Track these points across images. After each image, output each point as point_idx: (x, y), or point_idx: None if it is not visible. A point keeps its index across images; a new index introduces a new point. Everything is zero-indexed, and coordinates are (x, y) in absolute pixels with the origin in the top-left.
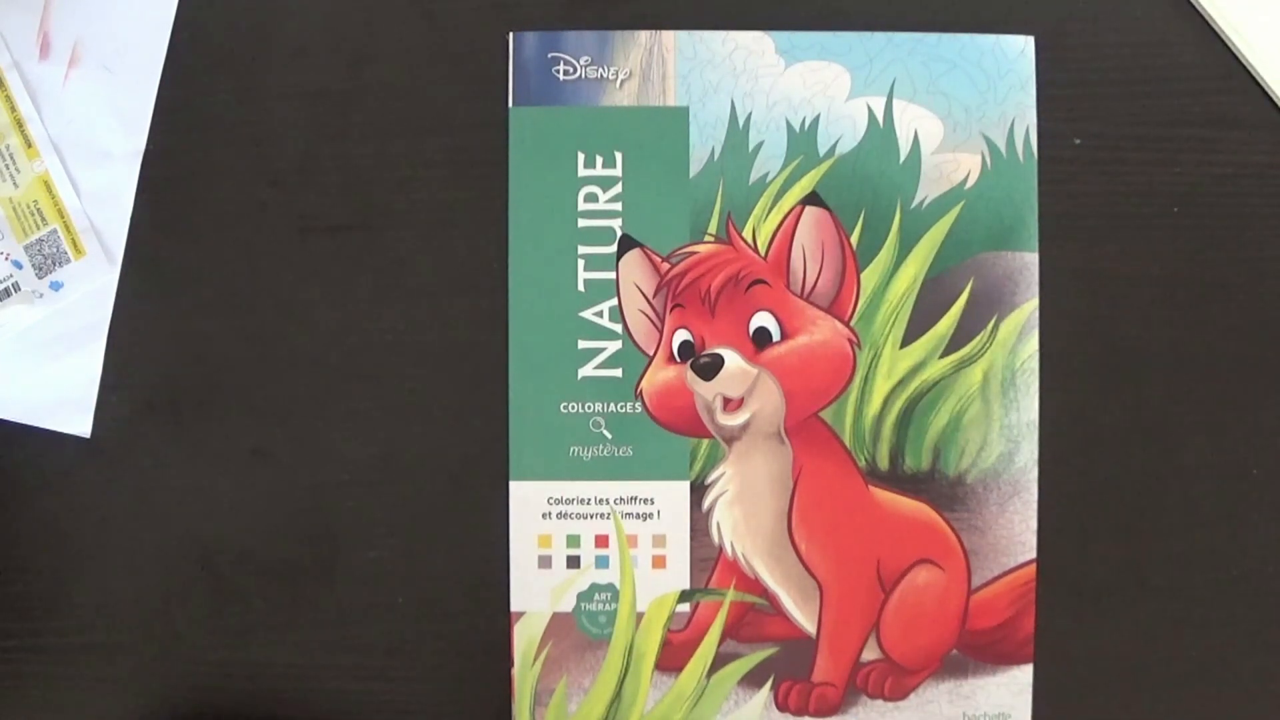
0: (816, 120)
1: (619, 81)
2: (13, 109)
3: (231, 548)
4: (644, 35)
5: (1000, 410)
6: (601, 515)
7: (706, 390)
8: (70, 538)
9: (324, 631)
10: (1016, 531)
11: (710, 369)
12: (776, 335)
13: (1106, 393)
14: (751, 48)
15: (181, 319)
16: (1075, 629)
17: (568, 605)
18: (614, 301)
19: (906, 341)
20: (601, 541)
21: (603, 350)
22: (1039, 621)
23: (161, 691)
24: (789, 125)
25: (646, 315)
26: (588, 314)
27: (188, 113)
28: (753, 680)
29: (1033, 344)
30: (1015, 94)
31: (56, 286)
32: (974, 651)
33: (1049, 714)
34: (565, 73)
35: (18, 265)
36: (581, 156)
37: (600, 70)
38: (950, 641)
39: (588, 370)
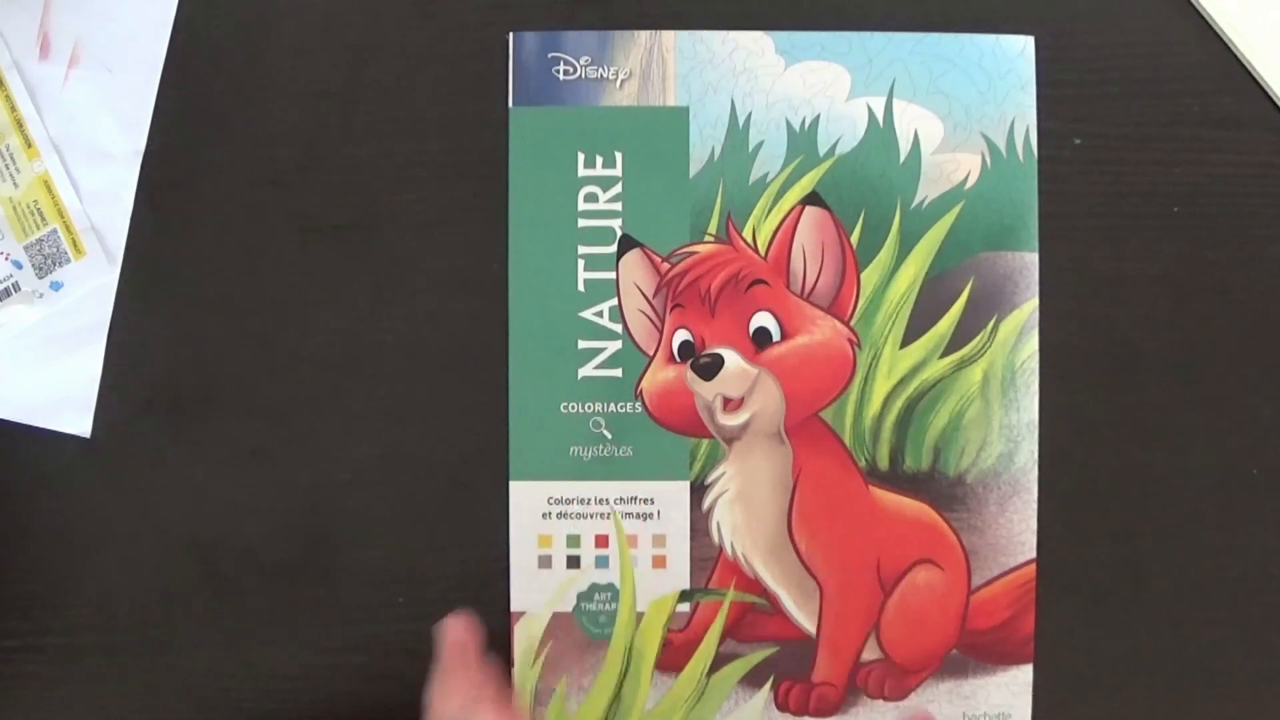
0: (816, 120)
1: (619, 81)
2: (13, 109)
3: (231, 548)
4: (644, 35)
5: (1000, 410)
6: (601, 515)
7: (706, 390)
8: (70, 538)
9: (324, 631)
10: (1016, 531)
11: (710, 369)
12: (776, 335)
13: (1106, 393)
14: (751, 48)
15: (181, 319)
16: (1075, 629)
17: (568, 605)
18: (614, 301)
19: (906, 341)
20: (601, 541)
21: (603, 350)
22: (1039, 621)
23: (161, 691)
24: (789, 125)
25: (646, 315)
26: (588, 314)
27: (188, 113)
28: (753, 680)
29: (1032, 344)
30: (1015, 94)
31: (56, 286)
32: (974, 651)
33: (1049, 714)
34: (565, 73)
35: (18, 265)
36: (581, 156)
37: (600, 70)
38: (950, 641)
39: (588, 370)
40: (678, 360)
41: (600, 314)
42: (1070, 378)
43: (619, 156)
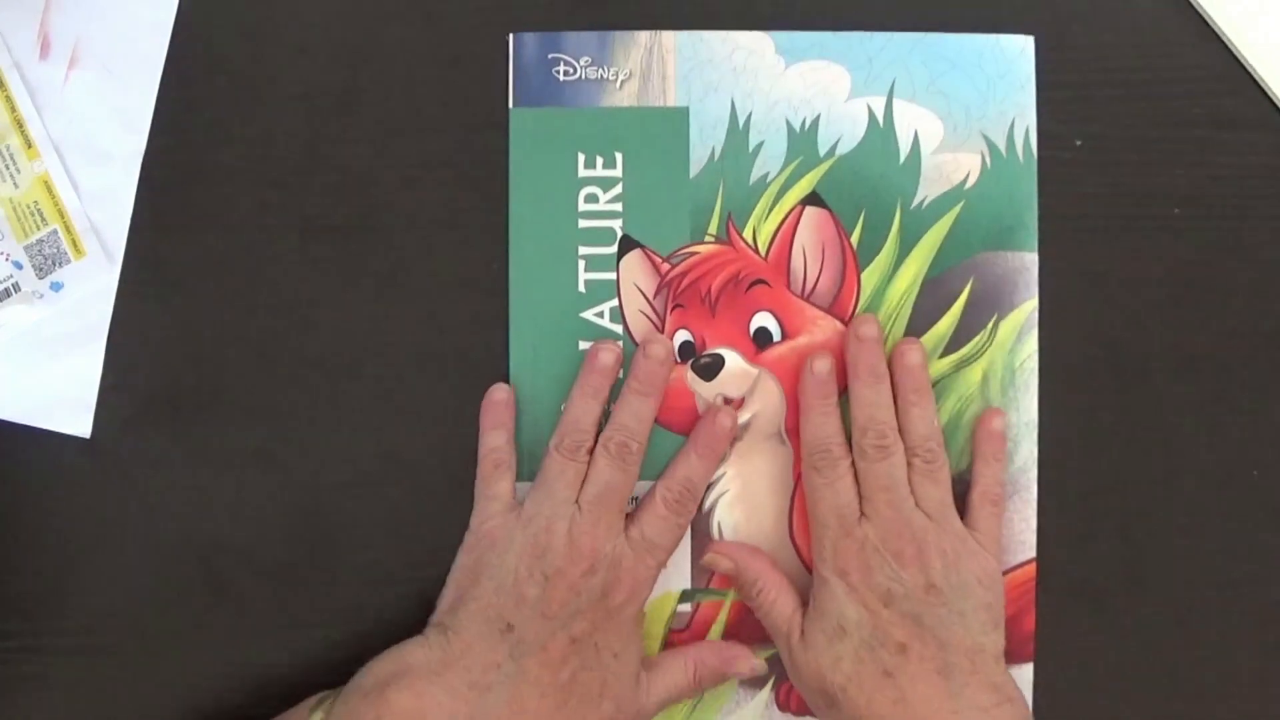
0: (816, 120)
1: (619, 82)
2: (13, 109)
3: (231, 548)
4: (644, 35)
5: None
6: None
7: (707, 391)
8: (70, 538)
9: (324, 632)
10: (1016, 531)
11: (711, 369)
12: (777, 335)
13: (1106, 393)
14: (751, 48)
15: (181, 319)
16: (1075, 629)
17: None
18: (614, 302)
19: None
20: None
21: None
22: (1039, 621)
23: (161, 692)
24: (789, 125)
25: (647, 316)
26: (588, 314)
27: (188, 113)
28: (754, 680)
29: (1032, 344)
30: (1015, 94)
31: (57, 287)
32: None
33: (1049, 714)
34: (565, 73)
35: (18, 265)
36: (581, 157)
37: (600, 71)
38: None
39: None
40: (679, 361)
41: (601, 315)
42: (1070, 378)
43: (619, 157)
